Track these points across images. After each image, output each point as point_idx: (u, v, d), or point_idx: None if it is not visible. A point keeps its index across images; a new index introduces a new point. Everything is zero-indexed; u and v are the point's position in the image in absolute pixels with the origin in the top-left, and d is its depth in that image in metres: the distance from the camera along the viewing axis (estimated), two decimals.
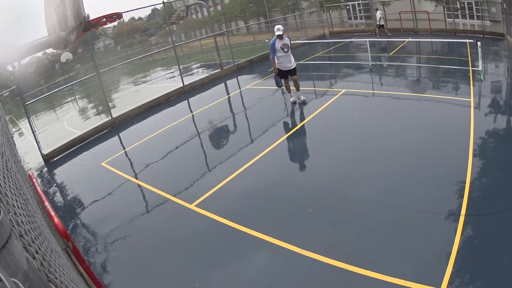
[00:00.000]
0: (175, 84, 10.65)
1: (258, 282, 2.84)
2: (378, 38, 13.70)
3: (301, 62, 11.51)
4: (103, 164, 6.00)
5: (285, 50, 6.78)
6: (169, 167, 5.45)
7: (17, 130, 12.50)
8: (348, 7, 20.83)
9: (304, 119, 6.19)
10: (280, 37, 6.71)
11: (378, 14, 14.96)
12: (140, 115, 8.69)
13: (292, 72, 7.00)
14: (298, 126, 5.98)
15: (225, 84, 10.49)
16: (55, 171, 6.40)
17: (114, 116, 8.27)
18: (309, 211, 3.61)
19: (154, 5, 31.55)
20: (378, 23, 14.96)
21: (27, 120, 6.92)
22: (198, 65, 17.73)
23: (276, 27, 6.62)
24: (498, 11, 13.07)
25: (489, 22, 13.78)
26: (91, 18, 2.86)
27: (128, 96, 12.24)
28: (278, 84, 7.00)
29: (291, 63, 6.93)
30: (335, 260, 2.88)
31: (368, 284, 2.60)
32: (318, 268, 2.85)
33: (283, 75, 7.01)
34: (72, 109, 14.22)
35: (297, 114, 6.64)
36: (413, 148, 4.56)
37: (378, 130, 5.27)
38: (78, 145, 7.29)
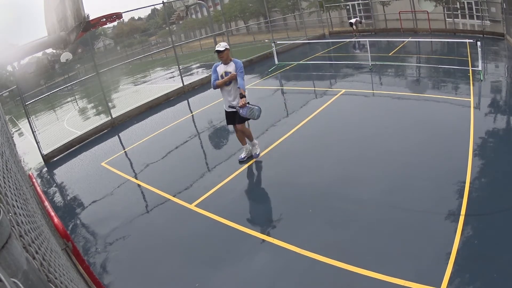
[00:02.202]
0: (175, 84, 10.65)
1: (258, 282, 2.84)
2: (356, 37, 14.84)
3: (301, 62, 11.51)
4: (103, 164, 6.00)
5: (227, 82, 4.58)
6: (169, 167, 5.45)
7: (17, 130, 12.50)
8: (348, 7, 20.85)
9: (303, 119, 6.19)
10: (223, 58, 4.41)
11: (353, 20, 16.39)
12: (140, 115, 8.69)
13: (237, 117, 4.51)
14: (298, 126, 5.97)
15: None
16: (55, 171, 6.40)
17: (114, 116, 8.26)
18: (309, 211, 3.61)
19: (154, 5, 31.37)
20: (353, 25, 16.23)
21: (27, 120, 6.92)
22: (198, 65, 17.72)
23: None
24: (498, 11, 13.09)
25: (489, 22, 13.80)
26: (91, 18, 2.88)
27: (128, 96, 12.23)
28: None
29: (234, 103, 4.54)
30: (335, 260, 2.87)
31: (368, 284, 2.60)
32: (318, 268, 2.84)
33: (227, 117, 4.78)
34: (72, 109, 14.21)
35: (296, 114, 6.63)
36: (413, 148, 4.57)
37: (378, 130, 5.27)
38: (78, 145, 7.29)
